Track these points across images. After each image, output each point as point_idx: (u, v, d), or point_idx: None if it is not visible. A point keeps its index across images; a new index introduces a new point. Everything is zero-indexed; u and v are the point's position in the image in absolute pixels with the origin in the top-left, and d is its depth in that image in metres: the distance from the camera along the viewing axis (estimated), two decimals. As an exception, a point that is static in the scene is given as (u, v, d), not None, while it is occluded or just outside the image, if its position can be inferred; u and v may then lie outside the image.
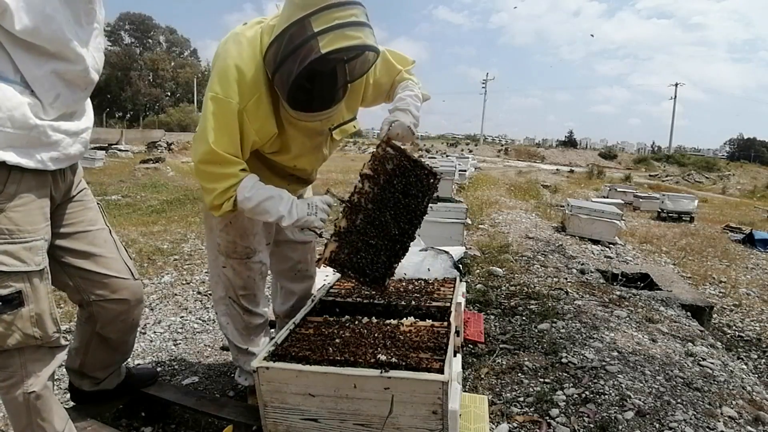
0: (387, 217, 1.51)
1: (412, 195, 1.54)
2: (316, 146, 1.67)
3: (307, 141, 1.61)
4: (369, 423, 1.24)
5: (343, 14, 1.27)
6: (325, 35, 1.25)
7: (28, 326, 1.21)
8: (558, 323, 2.86)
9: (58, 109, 1.22)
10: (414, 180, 1.55)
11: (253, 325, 1.87)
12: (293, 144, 1.58)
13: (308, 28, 1.26)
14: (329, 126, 1.60)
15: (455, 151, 36.12)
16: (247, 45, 1.41)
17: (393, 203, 1.52)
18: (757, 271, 5.92)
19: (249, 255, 1.74)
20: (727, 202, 15.95)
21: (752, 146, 62.31)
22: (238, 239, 1.72)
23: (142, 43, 55.43)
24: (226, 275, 1.77)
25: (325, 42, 1.25)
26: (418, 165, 1.56)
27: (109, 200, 7.59)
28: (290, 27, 1.29)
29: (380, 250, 1.52)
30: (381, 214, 1.50)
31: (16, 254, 1.17)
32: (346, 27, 1.27)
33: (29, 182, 1.21)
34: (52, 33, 1.14)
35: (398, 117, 1.56)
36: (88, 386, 1.69)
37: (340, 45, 1.27)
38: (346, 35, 1.27)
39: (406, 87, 1.68)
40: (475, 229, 5.95)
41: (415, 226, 1.57)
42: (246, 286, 1.79)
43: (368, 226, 1.49)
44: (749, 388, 2.32)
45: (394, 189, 1.52)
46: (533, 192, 12.02)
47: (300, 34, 1.27)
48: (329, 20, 1.26)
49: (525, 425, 1.89)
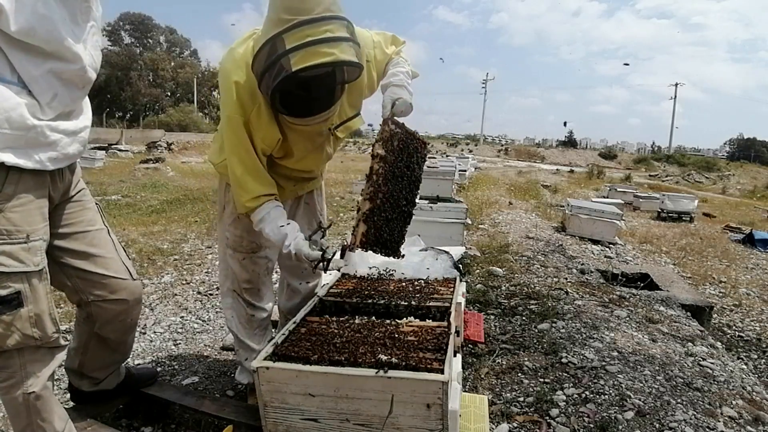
0: (399, 192, 1.61)
1: (413, 166, 1.66)
2: (319, 146, 1.70)
3: (309, 143, 1.64)
4: (369, 423, 1.24)
5: (315, 31, 1.28)
6: (296, 53, 1.28)
7: (28, 327, 1.21)
8: (558, 323, 2.86)
9: (55, 109, 1.22)
10: (413, 152, 1.66)
11: (256, 319, 1.91)
12: (296, 148, 1.62)
13: (280, 45, 1.29)
14: (329, 126, 1.62)
15: (455, 151, 36.12)
16: (240, 60, 1.48)
17: (401, 177, 1.62)
18: (757, 271, 5.93)
19: (255, 250, 1.80)
20: (727, 202, 15.95)
21: (752, 146, 62.25)
22: (246, 234, 1.77)
23: (142, 43, 55.40)
24: (233, 268, 1.83)
25: (296, 60, 1.28)
26: (415, 137, 1.66)
27: (109, 200, 7.58)
28: (265, 44, 1.33)
29: (396, 222, 1.63)
30: (394, 190, 1.59)
31: (14, 255, 1.17)
32: (318, 44, 1.28)
33: (27, 182, 1.20)
34: (47, 32, 1.13)
35: (399, 94, 1.60)
36: (88, 386, 1.69)
37: (311, 63, 1.28)
38: (317, 52, 1.28)
39: (397, 63, 1.71)
40: (475, 229, 5.95)
41: (416, 194, 1.70)
42: (251, 280, 1.84)
43: (386, 204, 1.58)
44: (749, 388, 2.32)
45: (402, 164, 1.61)
46: (533, 192, 12.02)
47: (273, 51, 1.31)
48: (301, 37, 1.28)
49: (525, 425, 1.89)
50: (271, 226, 1.55)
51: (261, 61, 1.35)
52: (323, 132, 1.63)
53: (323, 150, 1.72)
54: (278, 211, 1.58)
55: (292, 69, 1.28)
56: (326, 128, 1.62)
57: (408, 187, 1.65)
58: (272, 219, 1.55)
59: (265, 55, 1.33)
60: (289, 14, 1.28)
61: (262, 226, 1.56)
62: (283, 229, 1.55)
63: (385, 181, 1.56)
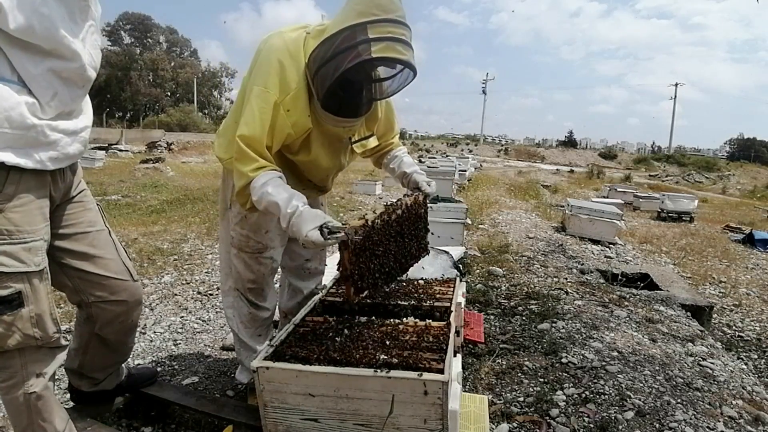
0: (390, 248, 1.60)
1: (409, 243, 1.70)
2: (335, 152, 1.71)
3: (327, 144, 1.66)
4: (369, 423, 1.24)
5: (397, 30, 1.37)
6: (379, 43, 1.35)
7: (29, 327, 1.21)
8: (558, 323, 2.86)
9: (55, 108, 1.21)
10: (417, 229, 1.72)
11: (258, 318, 1.91)
12: (314, 145, 1.63)
13: (364, 33, 1.35)
14: (349, 135, 1.67)
15: (455, 151, 36.11)
16: (291, 43, 1.50)
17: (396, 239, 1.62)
18: (757, 271, 5.92)
19: (260, 250, 1.80)
20: (727, 202, 15.95)
21: (752, 146, 62.20)
22: (252, 234, 1.77)
23: (142, 43, 55.34)
24: (237, 268, 1.83)
25: (377, 49, 1.35)
26: (426, 220, 1.77)
27: (109, 200, 7.59)
28: (346, 29, 1.38)
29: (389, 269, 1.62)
30: (386, 246, 1.57)
31: (15, 255, 1.17)
32: (398, 42, 1.37)
33: (28, 182, 1.20)
34: (46, 31, 1.13)
35: (430, 181, 1.81)
36: (88, 386, 1.69)
37: (390, 55, 1.37)
38: (396, 49, 1.37)
39: (405, 153, 1.93)
40: (475, 229, 5.95)
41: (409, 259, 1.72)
42: (255, 280, 1.84)
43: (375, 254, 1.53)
44: (749, 388, 2.32)
45: (403, 231, 1.64)
46: (533, 192, 12.02)
47: (355, 37, 1.36)
48: (384, 32, 1.36)
49: (525, 425, 1.89)
50: (276, 189, 1.43)
51: (336, 43, 1.39)
52: (344, 140, 1.68)
53: (338, 157, 1.74)
54: (283, 180, 1.49)
55: (373, 55, 1.34)
56: (347, 136, 1.67)
57: (401, 251, 1.65)
58: (277, 184, 1.44)
59: (343, 39, 1.37)
60: (378, 10, 1.36)
61: (265, 189, 1.42)
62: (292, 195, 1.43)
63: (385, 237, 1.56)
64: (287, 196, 1.41)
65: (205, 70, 55.73)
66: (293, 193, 1.43)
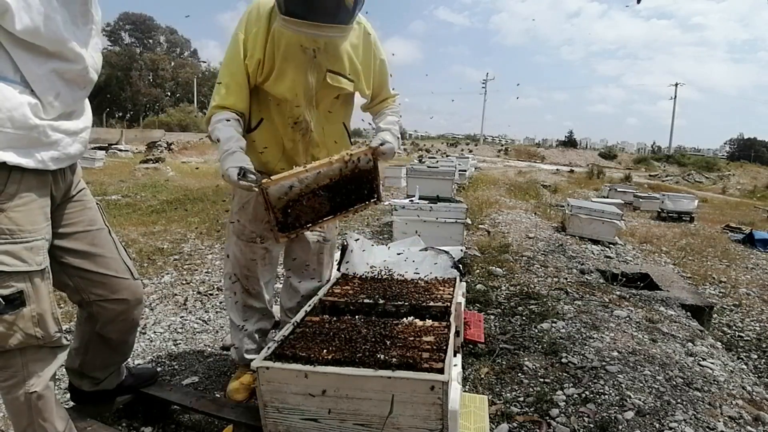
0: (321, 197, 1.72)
1: (348, 194, 1.76)
2: (299, 66, 1.70)
3: (291, 58, 1.67)
4: (369, 423, 1.24)
5: None
6: None
7: (30, 326, 1.21)
8: (558, 323, 2.86)
9: (57, 109, 1.22)
10: (361, 187, 1.77)
11: (249, 306, 2.00)
12: (278, 60, 1.69)
13: None
14: (314, 46, 1.66)
15: (455, 151, 36.10)
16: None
17: (330, 193, 1.72)
18: (757, 271, 5.93)
19: (254, 239, 1.90)
20: (727, 202, 15.96)
21: (752, 146, 62.20)
22: (248, 223, 1.88)
23: (142, 43, 55.38)
24: (234, 254, 1.94)
25: None
26: (378, 183, 1.80)
27: (109, 200, 7.59)
28: None
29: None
30: (316, 195, 1.70)
31: (17, 254, 1.17)
32: None
33: (30, 182, 1.21)
34: (51, 33, 1.15)
35: (389, 139, 1.82)
36: (88, 386, 1.69)
37: None
38: None
39: (394, 112, 1.96)
40: (475, 229, 5.96)
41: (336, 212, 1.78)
42: (248, 267, 1.94)
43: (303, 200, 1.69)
44: (749, 388, 2.33)
45: (341, 186, 1.72)
46: (533, 192, 12.02)
47: None
48: None
49: (525, 425, 1.89)
50: (226, 127, 1.64)
51: None
52: (307, 50, 1.66)
53: (305, 74, 1.71)
54: (238, 125, 1.68)
55: None
56: (311, 47, 1.65)
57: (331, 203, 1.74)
58: (229, 125, 1.65)
59: None
60: None
61: (218, 125, 1.64)
62: (233, 137, 1.62)
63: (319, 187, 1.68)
64: (230, 135, 1.61)
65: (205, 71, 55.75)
66: (237, 136, 1.63)
